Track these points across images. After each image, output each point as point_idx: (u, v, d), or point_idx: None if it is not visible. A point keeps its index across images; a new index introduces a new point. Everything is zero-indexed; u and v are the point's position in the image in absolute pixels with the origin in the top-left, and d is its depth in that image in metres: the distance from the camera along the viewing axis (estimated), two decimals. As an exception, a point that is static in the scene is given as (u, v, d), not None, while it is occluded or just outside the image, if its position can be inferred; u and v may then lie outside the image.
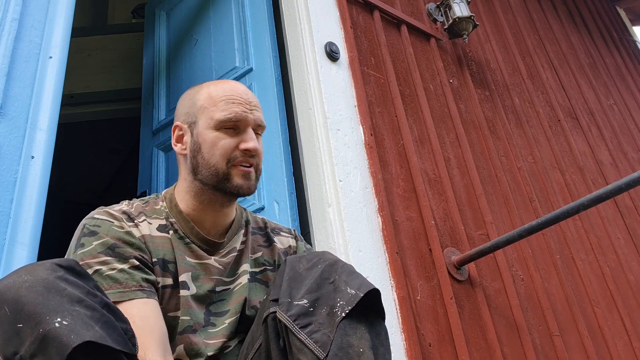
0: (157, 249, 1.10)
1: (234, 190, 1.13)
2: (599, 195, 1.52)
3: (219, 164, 1.12)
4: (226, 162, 1.12)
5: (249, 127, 1.14)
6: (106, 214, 1.09)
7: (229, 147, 1.12)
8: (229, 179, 1.12)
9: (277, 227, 1.34)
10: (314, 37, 2.11)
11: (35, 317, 0.73)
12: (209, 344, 1.09)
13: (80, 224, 1.08)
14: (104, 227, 1.06)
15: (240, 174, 1.12)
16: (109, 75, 3.92)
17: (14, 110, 1.46)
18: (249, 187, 1.14)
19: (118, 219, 1.09)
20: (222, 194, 1.14)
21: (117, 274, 1.00)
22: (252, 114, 1.15)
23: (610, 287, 2.54)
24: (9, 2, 1.56)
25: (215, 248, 1.17)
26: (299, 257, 1.06)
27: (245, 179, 1.13)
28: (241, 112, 1.13)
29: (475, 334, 1.86)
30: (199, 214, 1.17)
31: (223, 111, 1.13)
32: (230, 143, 1.12)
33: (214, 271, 1.15)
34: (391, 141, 2.12)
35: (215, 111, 1.13)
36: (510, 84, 3.01)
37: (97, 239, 1.03)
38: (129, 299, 0.99)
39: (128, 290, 1.00)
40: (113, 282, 0.99)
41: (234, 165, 1.12)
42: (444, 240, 2.00)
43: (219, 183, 1.13)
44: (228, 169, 1.12)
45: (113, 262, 1.01)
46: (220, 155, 1.12)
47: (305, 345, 0.91)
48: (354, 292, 0.94)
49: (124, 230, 1.07)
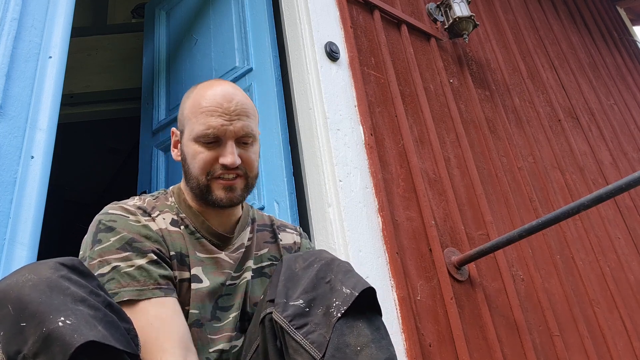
0: (174, 243, 1.11)
1: (215, 203, 1.12)
2: (599, 195, 1.51)
3: (199, 177, 1.11)
4: (205, 175, 1.11)
5: (229, 140, 1.11)
6: (121, 209, 1.09)
7: (207, 162, 1.11)
8: (210, 192, 1.12)
9: (283, 224, 1.35)
10: (314, 37, 2.10)
11: (39, 316, 0.73)
12: (214, 339, 1.09)
13: (95, 219, 1.08)
14: (120, 222, 1.05)
15: (221, 187, 1.11)
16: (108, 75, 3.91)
17: (14, 110, 1.46)
18: (230, 199, 1.12)
19: (133, 213, 1.09)
20: (206, 204, 1.14)
21: (135, 271, 1.00)
22: (233, 124, 1.11)
23: (610, 287, 2.54)
24: (8, 2, 1.56)
25: (225, 243, 1.18)
26: (295, 256, 1.06)
27: (226, 192, 1.12)
28: (218, 125, 1.10)
29: (476, 334, 1.86)
30: (205, 211, 1.17)
31: (201, 125, 1.10)
32: (208, 157, 1.11)
33: (225, 265, 1.15)
34: (391, 141, 2.11)
35: (195, 124, 1.11)
36: (510, 83, 3.00)
37: (114, 235, 1.03)
38: (146, 298, 0.98)
39: (146, 288, 0.99)
40: (130, 279, 0.99)
41: (214, 178, 1.11)
42: (444, 240, 2.00)
43: (201, 194, 1.13)
44: (208, 182, 1.11)
45: (132, 258, 1.01)
46: (199, 168, 1.11)
47: (302, 346, 0.91)
48: (350, 291, 0.94)
49: (140, 224, 1.07)
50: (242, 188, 1.14)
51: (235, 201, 1.13)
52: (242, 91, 1.20)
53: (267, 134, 2.01)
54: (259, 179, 1.95)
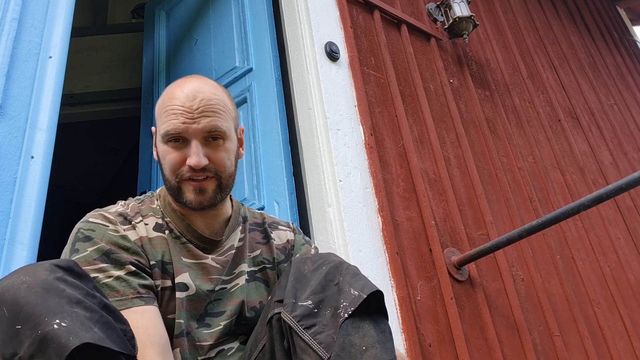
0: (155, 251, 1.09)
1: (187, 205, 1.09)
2: (599, 195, 1.51)
3: (170, 178, 1.09)
4: (174, 177, 1.08)
5: (194, 139, 1.06)
6: (101, 217, 1.07)
7: (175, 163, 1.07)
8: (181, 194, 1.09)
9: (275, 222, 1.32)
10: (314, 37, 2.10)
11: (34, 318, 0.72)
12: (203, 346, 1.08)
13: (75, 227, 1.06)
14: (98, 232, 1.04)
15: (191, 188, 1.08)
16: (108, 75, 3.91)
17: (14, 110, 1.46)
18: (200, 202, 1.08)
19: (113, 222, 1.07)
20: (182, 206, 1.12)
21: (114, 282, 0.99)
22: (198, 122, 1.06)
23: (610, 287, 2.54)
24: (8, 2, 1.56)
25: (212, 246, 1.15)
26: (304, 258, 1.06)
27: (196, 194, 1.08)
28: (180, 124, 1.05)
29: (476, 334, 1.86)
30: (190, 213, 1.15)
31: (164, 124, 1.07)
32: (176, 158, 1.07)
33: (212, 271, 1.13)
34: (391, 141, 2.11)
35: (161, 123, 1.08)
36: (510, 83, 3.00)
37: (91, 245, 1.02)
38: (126, 308, 0.97)
39: (125, 298, 0.98)
40: (110, 290, 0.98)
41: (183, 179, 1.08)
42: (444, 240, 2.00)
43: (175, 196, 1.10)
44: (178, 184, 1.08)
45: (109, 269, 1.00)
46: (169, 169, 1.08)
47: (309, 346, 0.91)
48: (357, 293, 0.94)
49: (119, 234, 1.05)
50: (213, 189, 1.10)
51: (207, 204, 1.09)
52: (217, 87, 1.14)
53: (267, 134, 2.01)
54: (259, 178, 1.95)
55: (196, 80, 1.12)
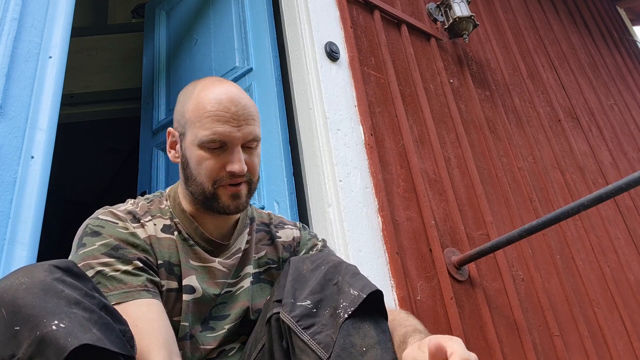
0: (163, 251, 1.09)
1: (221, 210, 1.09)
2: (599, 195, 1.51)
3: (205, 184, 1.08)
4: (212, 183, 1.08)
5: (237, 146, 1.07)
6: (111, 215, 1.07)
7: (213, 169, 1.07)
8: (216, 199, 1.08)
9: (282, 221, 1.32)
10: (314, 37, 2.10)
11: (33, 320, 0.72)
12: (207, 349, 1.08)
13: (84, 223, 1.06)
14: (107, 228, 1.04)
15: (229, 194, 1.09)
16: (108, 75, 3.92)
17: (14, 110, 1.46)
18: (236, 206, 1.10)
19: (122, 219, 1.07)
20: (211, 211, 1.12)
21: (121, 275, 0.99)
22: (241, 130, 1.07)
23: (610, 287, 2.54)
24: (8, 2, 1.56)
25: (219, 249, 1.15)
26: (302, 258, 1.05)
27: (233, 199, 1.09)
28: (226, 132, 1.06)
29: (476, 334, 1.86)
30: (201, 215, 1.15)
31: (206, 130, 1.06)
32: (215, 164, 1.07)
33: (218, 274, 1.13)
34: (391, 141, 2.11)
35: (200, 129, 1.07)
36: (510, 83, 3.00)
37: (100, 240, 1.02)
38: (133, 299, 0.97)
39: (133, 290, 0.98)
40: (117, 282, 0.98)
41: (221, 185, 1.08)
42: (444, 240, 2.00)
43: (206, 201, 1.10)
44: (215, 189, 1.08)
45: (116, 264, 1.00)
46: (206, 175, 1.08)
47: (308, 346, 0.91)
48: (357, 293, 0.93)
49: (128, 231, 1.05)
50: (246, 194, 1.11)
51: (241, 208, 1.11)
52: (244, 91, 1.15)
53: (267, 134, 2.00)
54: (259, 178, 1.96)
55: (228, 84, 1.13)
